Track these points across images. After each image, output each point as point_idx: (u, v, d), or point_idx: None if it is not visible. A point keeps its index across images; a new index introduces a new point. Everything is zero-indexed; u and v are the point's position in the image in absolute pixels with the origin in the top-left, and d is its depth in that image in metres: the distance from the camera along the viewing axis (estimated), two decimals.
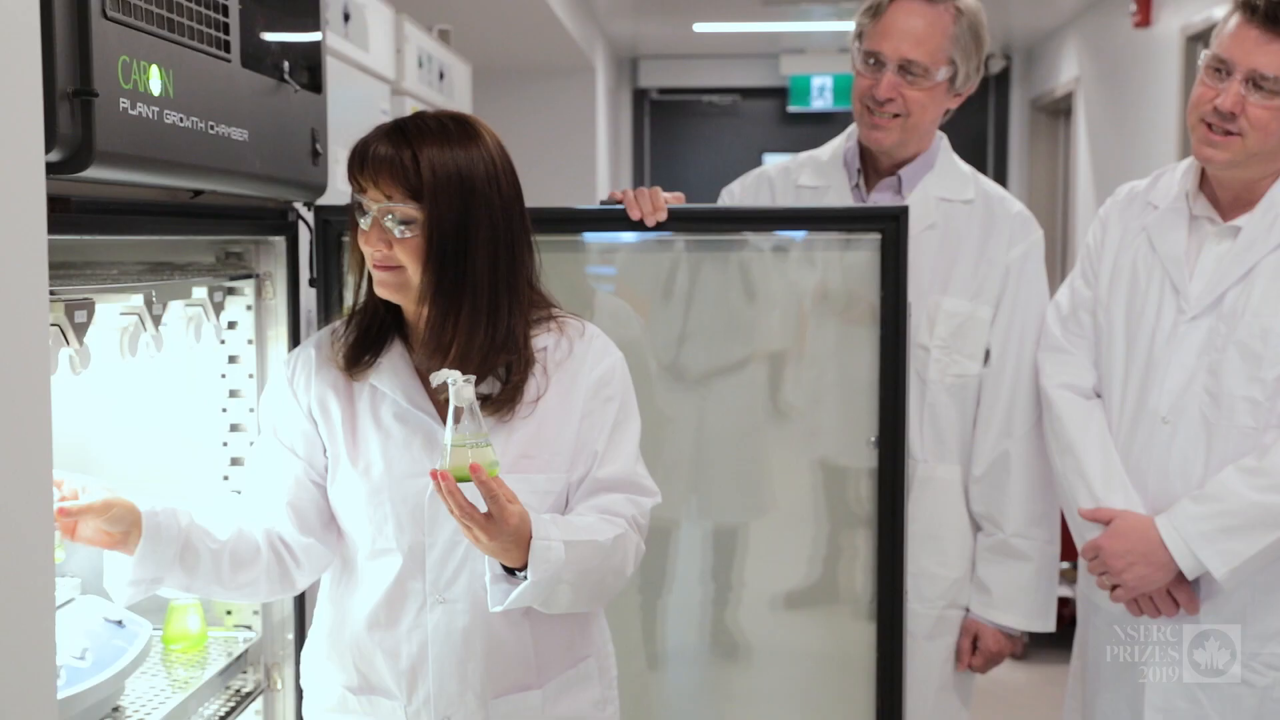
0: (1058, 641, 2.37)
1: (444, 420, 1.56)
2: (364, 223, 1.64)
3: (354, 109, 2.97)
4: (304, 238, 2.18)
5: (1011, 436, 2.30)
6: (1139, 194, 2.26)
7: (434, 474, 1.52)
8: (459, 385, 1.53)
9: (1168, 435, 2.11)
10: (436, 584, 1.69)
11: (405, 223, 1.61)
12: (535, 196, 1.82)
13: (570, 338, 1.73)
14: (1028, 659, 4.66)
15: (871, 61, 2.29)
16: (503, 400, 1.66)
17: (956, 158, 2.42)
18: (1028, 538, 2.31)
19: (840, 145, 2.45)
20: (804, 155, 2.49)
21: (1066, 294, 2.29)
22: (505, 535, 1.53)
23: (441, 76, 3.83)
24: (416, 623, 1.69)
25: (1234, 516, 2.01)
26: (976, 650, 2.34)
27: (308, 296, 2.20)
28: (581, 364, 1.72)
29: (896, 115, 2.28)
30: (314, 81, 2.05)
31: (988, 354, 2.32)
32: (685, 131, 9.01)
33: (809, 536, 2.34)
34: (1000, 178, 8.58)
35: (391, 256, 1.62)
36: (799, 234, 2.29)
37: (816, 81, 8.63)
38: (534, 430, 1.68)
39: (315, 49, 2.07)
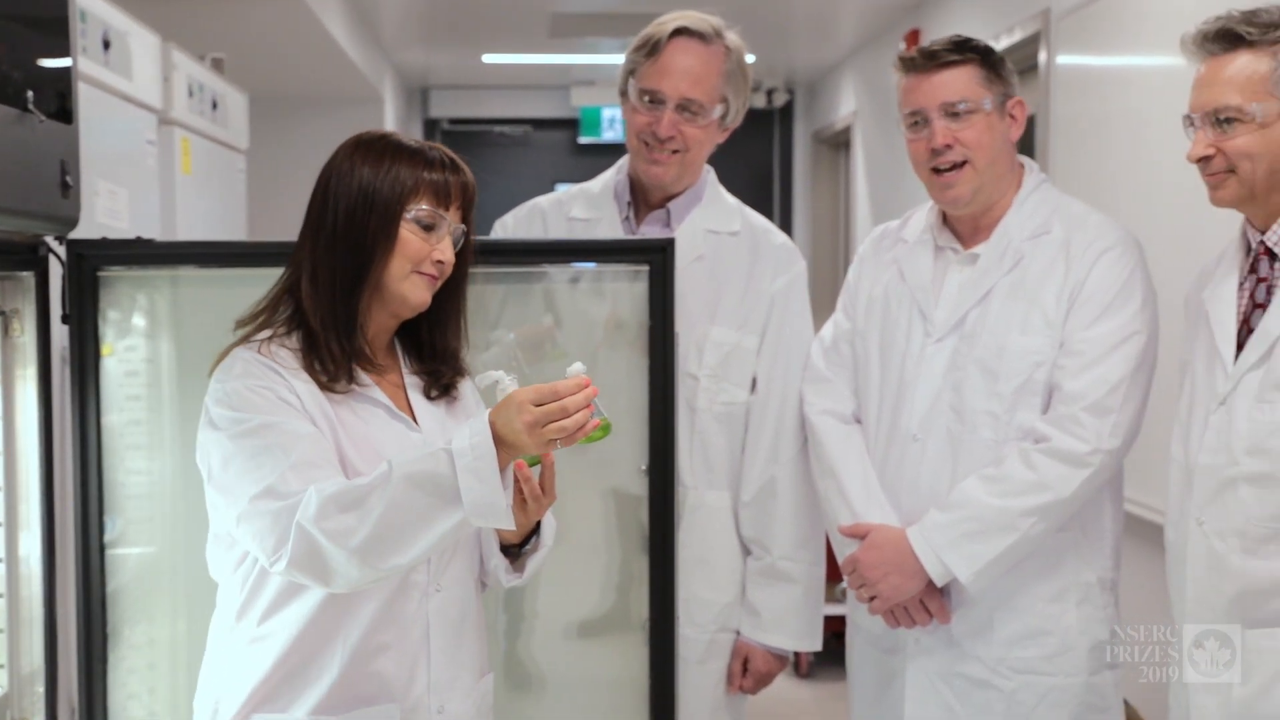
0: (841, 658, 2.46)
1: (414, 419, 1.77)
2: (426, 237, 1.73)
3: (116, 139, 2.87)
4: (55, 272, 2.10)
5: (778, 462, 2.37)
6: (891, 232, 2.40)
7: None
8: (506, 384, 1.64)
9: (918, 452, 2.22)
10: (436, 572, 1.76)
11: (458, 238, 1.78)
12: None
13: None
14: (812, 676, 4.79)
15: (647, 99, 2.33)
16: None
17: (723, 190, 2.48)
18: (795, 560, 2.37)
19: (611, 178, 2.48)
20: (575, 188, 2.52)
21: (829, 328, 2.40)
22: (546, 508, 1.72)
23: (215, 106, 3.73)
24: (417, 615, 1.74)
25: (975, 522, 2.12)
26: (747, 672, 2.39)
27: (60, 333, 2.12)
28: None
29: (676, 151, 2.33)
30: (63, 111, 1.97)
31: (754, 382, 2.38)
32: (478, 162, 8.75)
33: (601, 565, 2.36)
34: (786, 208, 8.83)
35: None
36: (590, 265, 2.32)
37: (606, 113, 8.73)
38: (467, 417, 1.81)
39: (65, 77, 2.00)
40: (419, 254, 1.73)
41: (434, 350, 1.84)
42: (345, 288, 1.72)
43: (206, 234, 3.50)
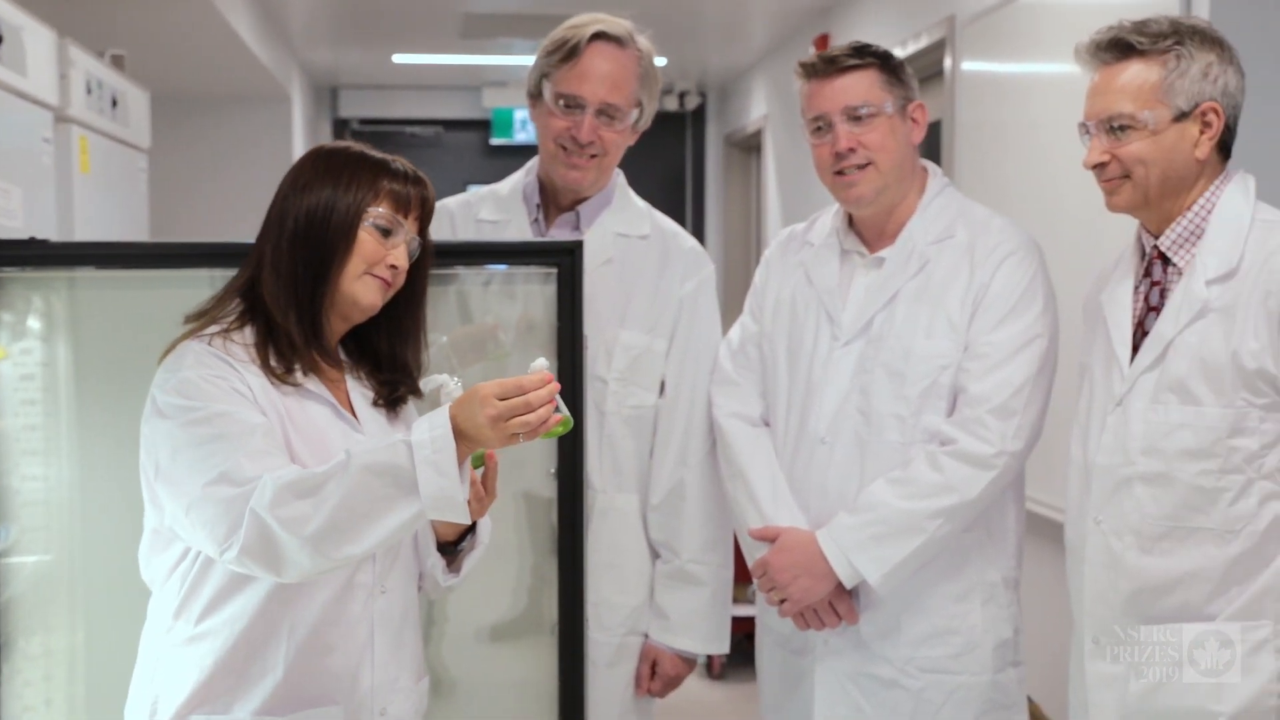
0: (754, 659, 2.47)
1: (355, 415, 1.80)
2: (383, 241, 1.78)
3: (10, 137, 2.81)
4: None
5: (687, 465, 2.37)
6: (797, 235, 2.42)
7: None
8: (451, 388, 1.70)
9: (826, 455, 2.24)
10: (381, 573, 1.79)
11: (414, 249, 1.82)
12: (229, 229, 1.82)
13: None
14: (724, 677, 4.81)
15: (563, 103, 2.32)
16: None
17: (633, 194, 2.48)
18: (703, 563, 2.38)
19: (520, 180, 2.47)
20: (484, 189, 2.51)
21: (736, 331, 2.41)
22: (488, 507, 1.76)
23: (115, 104, 3.66)
24: (362, 616, 1.77)
25: (884, 524, 2.14)
26: (655, 675, 2.39)
27: None
28: None
29: (594, 156, 2.33)
30: None
31: (663, 385, 2.39)
32: None
33: (511, 568, 2.35)
34: (698, 210, 8.87)
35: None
36: (501, 266, 2.30)
37: (519, 114, 8.68)
38: (406, 427, 1.84)
39: None
40: (374, 256, 1.77)
41: (392, 362, 1.87)
42: (308, 284, 1.75)
43: (106, 234, 3.44)
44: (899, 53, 2.32)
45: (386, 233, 1.78)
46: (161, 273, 2.19)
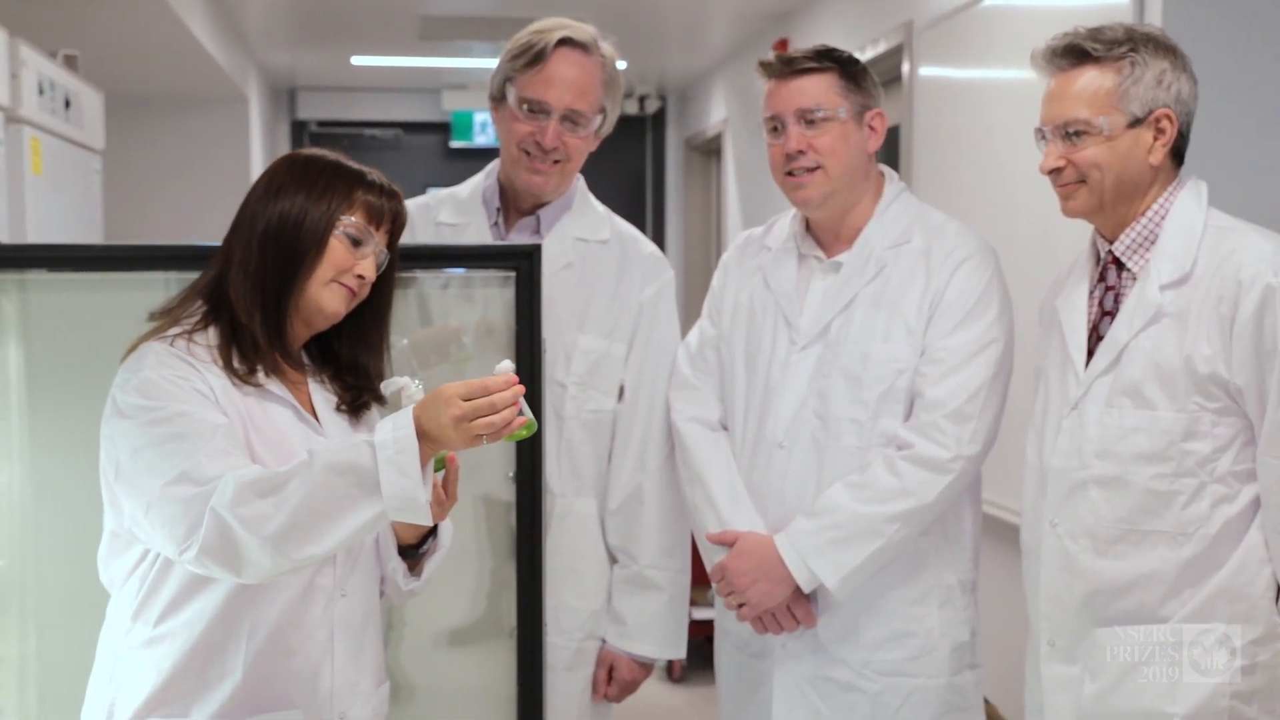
0: (713, 663, 2.48)
1: (317, 419, 1.79)
2: (352, 250, 1.78)
3: None
4: None
5: (645, 470, 2.38)
6: (755, 239, 2.42)
7: None
8: (412, 390, 1.70)
9: (784, 459, 2.24)
10: (342, 577, 1.78)
11: (382, 261, 1.83)
12: (185, 231, 1.82)
13: None
14: (685, 681, 4.81)
15: (527, 108, 2.31)
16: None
17: (593, 198, 2.48)
18: (661, 568, 2.38)
19: (480, 183, 2.46)
20: (444, 192, 2.50)
21: (695, 334, 2.42)
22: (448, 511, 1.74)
23: (68, 104, 3.62)
24: (322, 620, 1.76)
25: (841, 528, 2.15)
26: (612, 680, 2.39)
27: None
28: None
29: (557, 161, 2.32)
30: None
31: (622, 390, 2.39)
32: None
33: (470, 572, 2.34)
34: (659, 214, 8.88)
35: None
36: (459, 270, 2.30)
37: (478, 117, 8.67)
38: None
39: None
40: (343, 264, 1.77)
41: (353, 368, 1.88)
42: (274, 286, 1.76)
43: (59, 237, 3.41)
44: (857, 57, 2.32)
45: (357, 243, 1.78)
46: (115, 275, 2.17)
